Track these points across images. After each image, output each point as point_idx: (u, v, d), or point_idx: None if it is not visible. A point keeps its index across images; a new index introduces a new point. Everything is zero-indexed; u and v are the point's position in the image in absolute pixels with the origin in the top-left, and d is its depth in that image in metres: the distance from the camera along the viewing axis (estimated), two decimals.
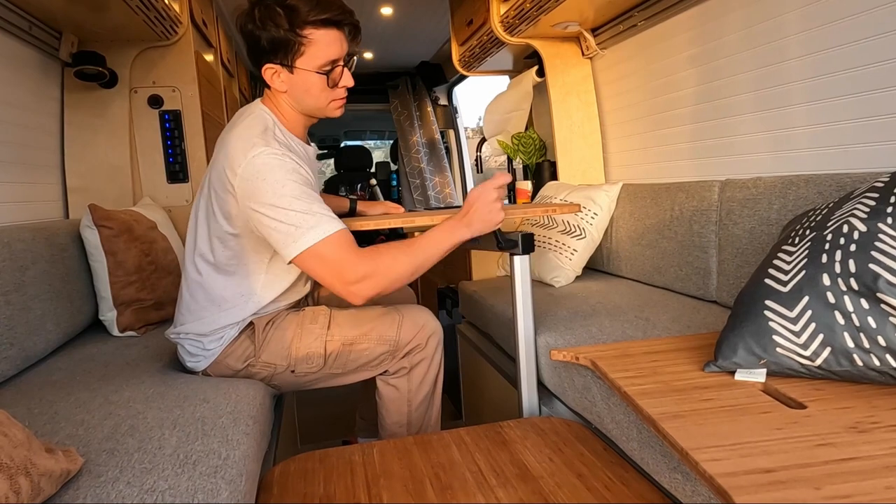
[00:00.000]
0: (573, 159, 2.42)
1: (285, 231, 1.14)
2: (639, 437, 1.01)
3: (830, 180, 1.25)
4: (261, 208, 1.15)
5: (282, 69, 1.24)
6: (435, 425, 1.49)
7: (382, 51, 4.05)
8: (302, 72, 1.24)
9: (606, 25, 2.19)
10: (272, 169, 1.15)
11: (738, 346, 0.94)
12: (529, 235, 1.33)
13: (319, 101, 1.29)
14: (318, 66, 1.24)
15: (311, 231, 1.13)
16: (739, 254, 1.47)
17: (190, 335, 1.32)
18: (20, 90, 1.76)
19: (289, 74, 1.25)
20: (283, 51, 1.22)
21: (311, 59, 1.24)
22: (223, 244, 1.27)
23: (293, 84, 1.26)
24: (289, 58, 1.23)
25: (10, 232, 1.39)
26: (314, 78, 1.25)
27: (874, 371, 0.84)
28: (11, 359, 1.27)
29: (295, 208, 1.14)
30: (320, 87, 1.27)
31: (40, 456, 0.72)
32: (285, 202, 1.13)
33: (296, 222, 1.13)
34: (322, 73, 1.25)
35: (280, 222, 1.14)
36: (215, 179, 1.23)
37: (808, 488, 0.64)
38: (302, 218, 1.14)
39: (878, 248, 0.83)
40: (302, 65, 1.24)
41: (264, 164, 1.15)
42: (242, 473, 0.88)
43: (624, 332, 1.34)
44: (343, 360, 1.37)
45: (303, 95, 1.28)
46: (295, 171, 1.17)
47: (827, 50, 1.34)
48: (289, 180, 1.15)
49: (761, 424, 0.79)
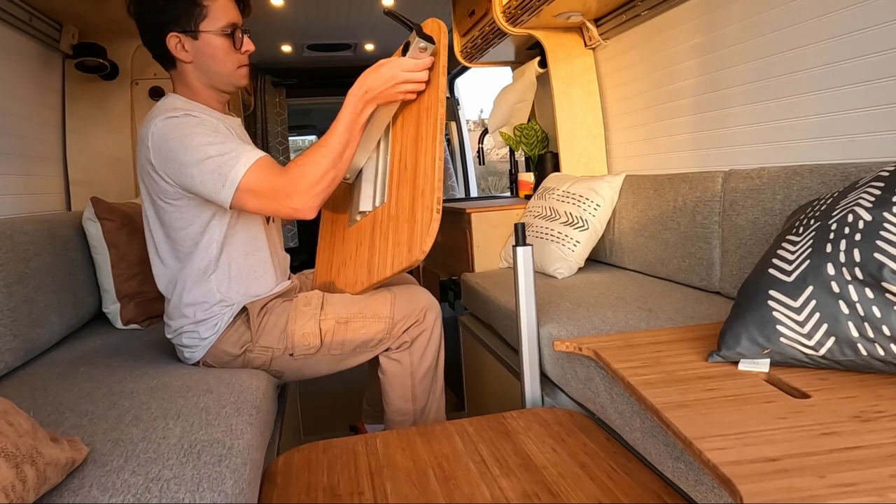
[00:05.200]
0: (575, 151, 2.41)
1: (211, 177, 1.15)
2: (642, 427, 1.01)
3: (835, 170, 1.25)
4: (182, 168, 1.16)
5: (185, 37, 1.25)
6: (440, 400, 1.50)
7: (384, 43, 4.03)
8: (207, 35, 1.26)
9: (609, 15, 2.18)
10: (174, 127, 1.17)
11: (742, 335, 0.94)
12: (521, 225, 1.33)
13: (226, 65, 1.30)
14: (220, 27, 1.27)
15: (234, 167, 1.15)
16: (743, 244, 1.47)
17: (185, 328, 1.32)
18: (21, 82, 1.76)
19: (193, 42, 1.26)
20: (186, 16, 1.24)
21: (213, 21, 1.26)
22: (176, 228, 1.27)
23: (198, 51, 1.27)
24: (191, 23, 1.25)
25: (13, 224, 1.39)
26: (218, 41, 1.27)
27: (878, 361, 0.84)
28: (15, 350, 1.28)
29: (210, 154, 1.16)
30: (225, 51, 1.29)
31: (45, 445, 0.72)
32: (199, 152, 1.15)
33: (216, 166, 1.15)
34: (226, 34, 1.28)
35: (203, 170, 1.15)
36: (142, 173, 1.25)
37: (812, 477, 0.64)
38: (220, 159, 1.15)
39: (884, 237, 0.83)
40: (206, 27, 1.26)
41: (166, 125, 1.17)
42: (246, 462, 0.88)
43: (627, 323, 1.34)
44: (340, 339, 1.37)
45: (209, 62, 1.29)
46: (198, 125, 1.19)
47: (832, 39, 1.33)
48: (195, 133, 1.17)
49: (765, 414, 0.79)
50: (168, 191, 1.22)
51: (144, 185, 1.27)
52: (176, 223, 1.27)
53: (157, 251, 1.34)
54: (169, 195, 1.24)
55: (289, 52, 4.06)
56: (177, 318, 1.33)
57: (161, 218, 1.28)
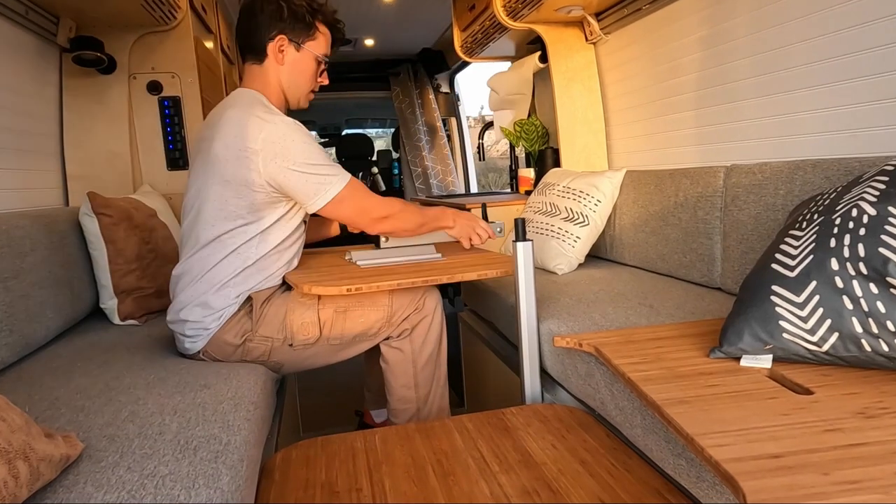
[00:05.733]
0: (576, 146, 2.39)
1: (316, 183, 1.31)
2: (642, 424, 1.00)
3: (838, 165, 1.23)
4: (294, 166, 1.29)
5: (290, 45, 1.40)
6: (443, 388, 1.51)
7: (384, 37, 4.01)
8: (307, 53, 1.43)
9: (611, 9, 2.16)
10: (295, 132, 1.30)
11: (744, 331, 0.93)
12: (521, 220, 1.32)
13: (307, 84, 1.47)
14: (319, 53, 1.44)
15: (337, 182, 1.33)
16: (744, 240, 1.46)
17: (190, 318, 1.32)
18: (18, 76, 1.75)
19: (294, 52, 1.41)
20: (299, 30, 1.40)
21: (316, 46, 1.44)
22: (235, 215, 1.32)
23: (295, 62, 1.43)
24: (301, 37, 1.41)
25: (9, 219, 1.37)
26: (312, 64, 1.45)
27: (882, 356, 0.83)
28: (11, 345, 1.27)
29: (321, 162, 1.32)
30: (311, 73, 1.46)
31: (39, 441, 0.71)
32: (314, 159, 1.31)
33: (324, 176, 1.32)
34: (320, 61, 1.45)
35: (312, 175, 1.30)
36: (223, 155, 1.29)
37: (816, 474, 0.63)
38: (328, 171, 1.32)
39: (889, 231, 0.82)
40: (309, 47, 1.43)
41: (288, 128, 1.29)
42: (243, 458, 0.87)
43: (627, 319, 1.33)
44: (339, 329, 1.39)
45: (297, 76, 1.44)
46: (311, 135, 1.35)
47: (835, 32, 1.31)
48: (312, 143, 1.33)
49: (768, 410, 0.78)
50: (253, 181, 1.28)
51: (216, 168, 1.29)
52: (236, 209, 1.31)
53: (196, 234, 1.34)
54: (250, 184, 1.29)
55: None
56: (188, 307, 1.33)
57: (222, 201, 1.30)
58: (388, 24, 3.71)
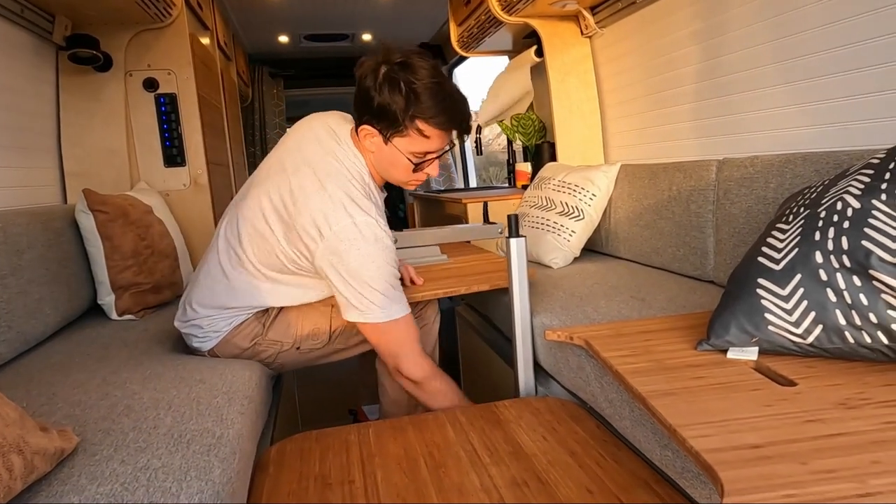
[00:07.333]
0: (572, 140, 2.40)
1: (357, 302, 1.19)
2: (631, 416, 1.01)
3: (828, 158, 1.24)
4: (343, 272, 1.17)
5: (378, 135, 1.22)
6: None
7: (382, 33, 4.01)
8: (395, 149, 1.23)
9: (606, 3, 2.16)
10: (369, 242, 1.16)
11: (731, 324, 0.94)
12: (514, 216, 1.33)
13: (399, 176, 1.29)
14: (413, 152, 1.23)
15: (383, 312, 1.20)
16: (736, 233, 1.46)
17: (203, 322, 1.33)
18: (14, 74, 1.75)
19: (381, 143, 1.23)
20: (387, 123, 1.20)
21: (409, 145, 1.22)
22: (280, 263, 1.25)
23: (381, 152, 1.25)
24: (389, 132, 1.21)
25: (6, 216, 1.39)
26: (402, 159, 1.24)
27: (865, 348, 0.84)
28: (9, 342, 1.28)
29: (376, 288, 1.18)
30: (405, 167, 1.26)
31: (34, 434, 0.73)
32: (371, 281, 1.17)
33: (371, 299, 1.18)
34: (414, 160, 1.24)
35: (357, 292, 1.18)
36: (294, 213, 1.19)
37: (794, 463, 0.64)
38: (378, 298, 1.18)
39: (872, 224, 0.83)
40: (398, 145, 1.22)
41: (362, 234, 1.16)
42: (236, 452, 0.88)
43: (619, 313, 1.34)
44: (346, 336, 1.41)
45: (386, 166, 1.27)
46: (388, 250, 1.19)
47: (827, 25, 1.31)
48: (383, 262, 1.18)
49: (751, 401, 0.79)
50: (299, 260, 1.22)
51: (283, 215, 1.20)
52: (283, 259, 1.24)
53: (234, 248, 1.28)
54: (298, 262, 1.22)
55: (286, 43, 4.04)
56: (204, 308, 1.32)
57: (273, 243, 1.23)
58: (385, 18, 3.71)
